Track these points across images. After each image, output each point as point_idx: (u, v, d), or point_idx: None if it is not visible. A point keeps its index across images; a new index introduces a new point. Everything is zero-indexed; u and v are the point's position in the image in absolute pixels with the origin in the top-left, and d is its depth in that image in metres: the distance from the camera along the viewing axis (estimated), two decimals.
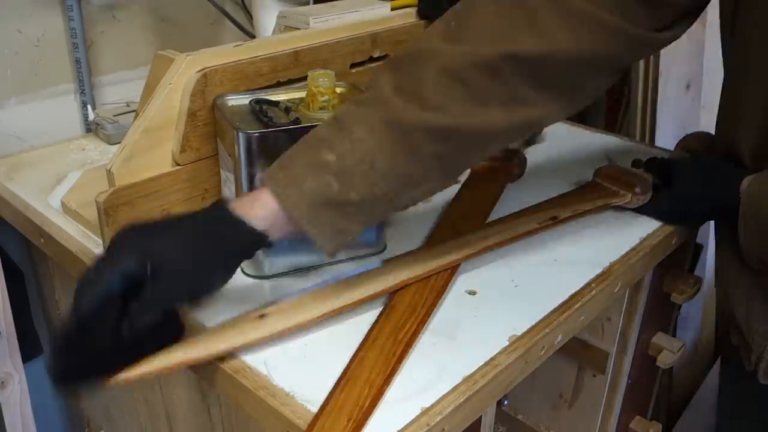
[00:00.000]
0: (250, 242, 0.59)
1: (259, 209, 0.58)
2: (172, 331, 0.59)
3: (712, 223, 1.27)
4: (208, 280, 0.58)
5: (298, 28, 0.88)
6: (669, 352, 1.01)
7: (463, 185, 0.90)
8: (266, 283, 0.73)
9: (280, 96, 0.75)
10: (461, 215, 0.84)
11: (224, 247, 0.58)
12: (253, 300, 0.70)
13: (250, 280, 0.73)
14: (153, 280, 0.54)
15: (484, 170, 0.93)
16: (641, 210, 0.87)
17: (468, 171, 0.93)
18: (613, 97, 1.46)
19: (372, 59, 0.91)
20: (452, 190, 0.91)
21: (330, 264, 0.76)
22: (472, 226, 0.80)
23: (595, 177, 0.89)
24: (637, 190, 0.85)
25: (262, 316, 0.63)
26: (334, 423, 0.55)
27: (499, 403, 1.11)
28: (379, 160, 0.58)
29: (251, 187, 0.69)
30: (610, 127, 1.46)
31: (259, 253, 0.71)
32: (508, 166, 0.93)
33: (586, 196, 0.86)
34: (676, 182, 0.84)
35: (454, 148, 0.60)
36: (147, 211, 0.73)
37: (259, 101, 0.73)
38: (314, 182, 0.57)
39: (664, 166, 0.87)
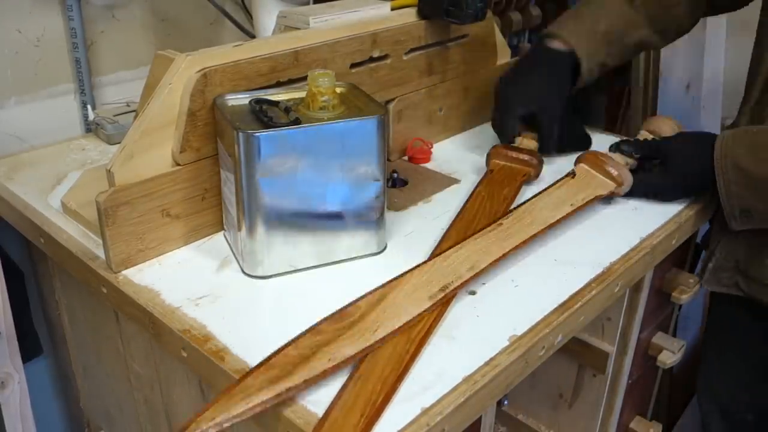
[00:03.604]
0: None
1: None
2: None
3: None
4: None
5: (298, 28, 0.88)
6: (669, 352, 1.01)
7: (479, 184, 0.90)
8: (266, 283, 0.73)
9: (280, 96, 0.75)
10: (476, 216, 0.83)
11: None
12: (254, 299, 0.71)
13: (251, 280, 0.73)
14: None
15: (501, 170, 0.92)
16: (637, 193, 0.88)
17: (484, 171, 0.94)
18: (613, 97, 1.46)
19: (372, 59, 0.91)
20: (467, 189, 0.91)
21: (329, 264, 0.76)
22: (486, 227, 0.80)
23: (577, 163, 0.89)
24: (616, 174, 0.86)
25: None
26: (347, 418, 0.55)
27: (499, 403, 1.11)
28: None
29: (251, 187, 0.69)
30: (610, 127, 1.46)
31: (259, 253, 0.72)
32: (525, 167, 0.93)
33: (575, 186, 0.86)
34: (673, 158, 0.87)
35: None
36: (147, 211, 0.73)
37: (259, 101, 0.73)
38: (575, 22, 0.98)
39: (652, 146, 0.89)
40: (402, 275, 0.70)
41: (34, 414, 0.95)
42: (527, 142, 0.97)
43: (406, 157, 1.02)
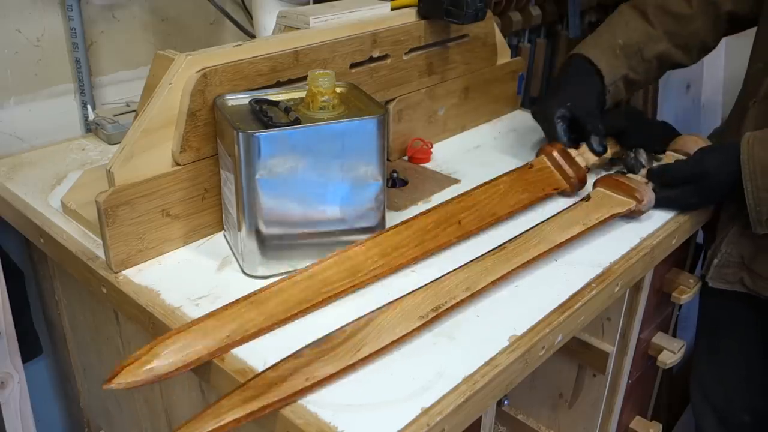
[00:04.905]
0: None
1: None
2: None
3: None
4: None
5: (298, 28, 0.88)
6: (669, 352, 1.01)
7: (508, 174, 0.87)
8: (265, 284, 0.73)
9: (280, 96, 0.75)
10: (473, 206, 0.82)
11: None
12: None
13: (251, 280, 0.73)
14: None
15: (540, 171, 0.89)
16: (662, 207, 0.86)
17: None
18: None
19: (372, 59, 0.91)
20: (467, 189, 0.88)
21: None
22: (475, 222, 0.79)
23: (595, 186, 0.88)
24: (637, 194, 0.84)
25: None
26: None
27: (499, 403, 1.11)
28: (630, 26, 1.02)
29: (251, 187, 0.69)
30: None
31: (259, 253, 0.72)
32: (564, 179, 0.89)
33: (590, 208, 0.84)
34: (704, 177, 0.84)
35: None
36: (147, 211, 0.73)
37: (259, 101, 0.73)
38: (594, 39, 1.02)
39: (685, 174, 0.86)
40: (393, 301, 0.68)
41: (34, 414, 0.95)
42: (587, 155, 0.92)
43: (406, 157, 1.02)
